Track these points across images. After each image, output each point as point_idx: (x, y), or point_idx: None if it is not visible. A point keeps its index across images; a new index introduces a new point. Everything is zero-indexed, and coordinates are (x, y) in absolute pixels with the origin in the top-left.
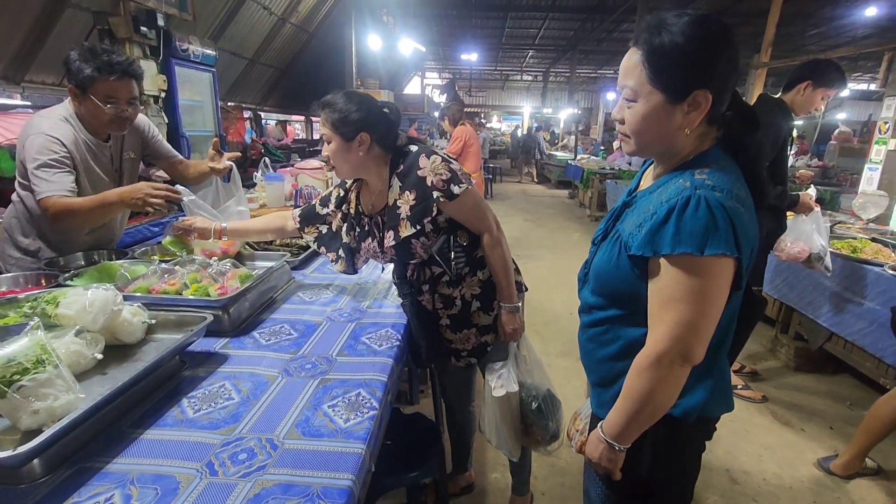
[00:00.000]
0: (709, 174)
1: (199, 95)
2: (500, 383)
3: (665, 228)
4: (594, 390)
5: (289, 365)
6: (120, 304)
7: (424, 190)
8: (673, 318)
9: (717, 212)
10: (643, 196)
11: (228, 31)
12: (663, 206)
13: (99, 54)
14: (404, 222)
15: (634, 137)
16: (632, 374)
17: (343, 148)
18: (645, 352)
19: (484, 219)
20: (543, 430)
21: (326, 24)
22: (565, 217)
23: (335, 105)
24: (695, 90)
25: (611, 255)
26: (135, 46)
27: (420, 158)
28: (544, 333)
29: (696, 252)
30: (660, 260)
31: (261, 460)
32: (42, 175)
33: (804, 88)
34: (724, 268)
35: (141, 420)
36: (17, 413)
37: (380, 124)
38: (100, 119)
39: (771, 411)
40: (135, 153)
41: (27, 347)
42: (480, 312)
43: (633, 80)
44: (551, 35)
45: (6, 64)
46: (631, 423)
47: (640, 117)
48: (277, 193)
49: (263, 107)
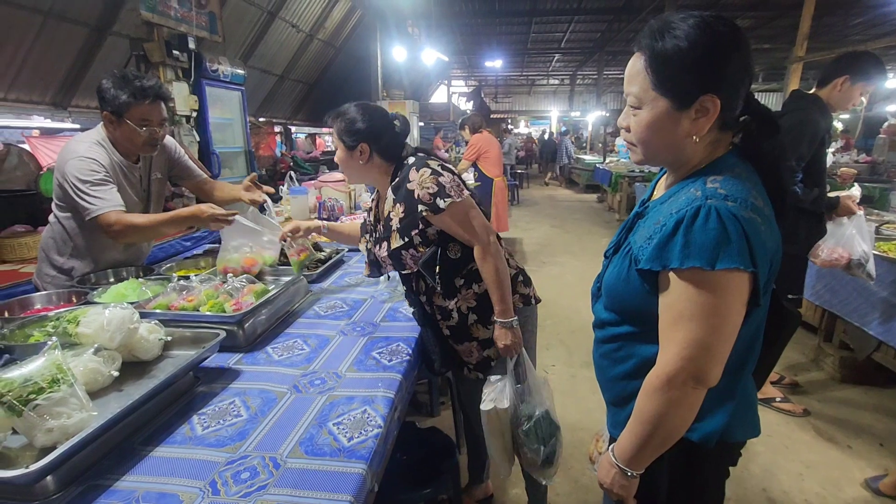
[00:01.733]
0: (722, 182)
1: (228, 113)
2: (491, 396)
3: (673, 241)
4: (609, 409)
5: (298, 381)
6: (137, 322)
7: (412, 203)
8: (684, 337)
9: (729, 223)
10: (654, 206)
11: (258, 50)
12: (672, 217)
13: (131, 80)
14: (395, 234)
15: (641, 146)
16: (642, 396)
17: (346, 156)
18: (655, 372)
19: (471, 232)
20: (535, 454)
21: (353, 37)
22: (593, 222)
23: (342, 116)
24: (702, 95)
25: (621, 269)
26: (168, 69)
27: (411, 172)
28: (569, 343)
29: (707, 266)
30: (669, 274)
31: (262, 479)
32: (93, 193)
33: (841, 83)
34: (738, 283)
35: (152, 437)
36: (32, 431)
37: (382, 136)
38: (134, 142)
39: (813, 426)
40: (161, 174)
41: (43, 367)
42: (478, 325)
43: (637, 87)
44: (577, 38)
45: (55, 91)
46: (643, 447)
47: (646, 125)
48: (302, 206)
49: (293, 121)
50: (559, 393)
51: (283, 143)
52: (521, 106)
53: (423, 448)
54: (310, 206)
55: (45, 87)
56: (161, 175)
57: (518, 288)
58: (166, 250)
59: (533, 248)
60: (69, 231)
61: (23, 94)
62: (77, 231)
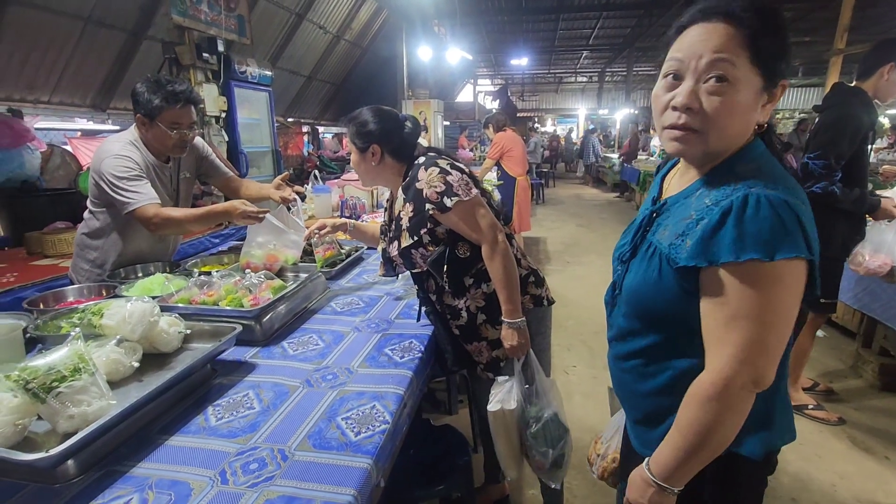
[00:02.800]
0: (759, 170)
1: (256, 114)
2: (498, 398)
3: (721, 234)
4: (635, 428)
5: (311, 375)
6: (157, 315)
7: (420, 202)
8: (741, 338)
9: (782, 210)
10: (676, 202)
11: (287, 52)
12: (712, 209)
13: (164, 85)
14: (404, 233)
15: (715, 132)
16: (691, 406)
17: (359, 158)
18: (708, 379)
19: (478, 231)
20: (542, 457)
21: (379, 38)
22: (619, 221)
23: (354, 120)
24: (784, 76)
25: (648, 271)
26: (198, 72)
27: (420, 171)
28: (592, 344)
29: (766, 258)
30: (718, 271)
31: (270, 471)
32: (129, 187)
33: (888, 72)
34: (797, 273)
35: (168, 426)
36: (55, 417)
37: (393, 138)
38: (165, 143)
39: (849, 435)
40: (190, 173)
41: (66, 357)
42: (487, 325)
43: (730, 56)
44: (606, 34)
45: (94, 94)
46: (687, 461)
47: (740, 105)
48: (325, 204)
49: (321, 121)
50: (580, 394)
51: (310, 143)
52: (549, 104)
53: (437, 446)
54: (333, 204)
55: (85, 90)
56: (189, 174)
57: (529, 289)
58: (196, 246)
59: (558, 247)
60: (103, 226)
61: (65, 97)
62: (111, 226)
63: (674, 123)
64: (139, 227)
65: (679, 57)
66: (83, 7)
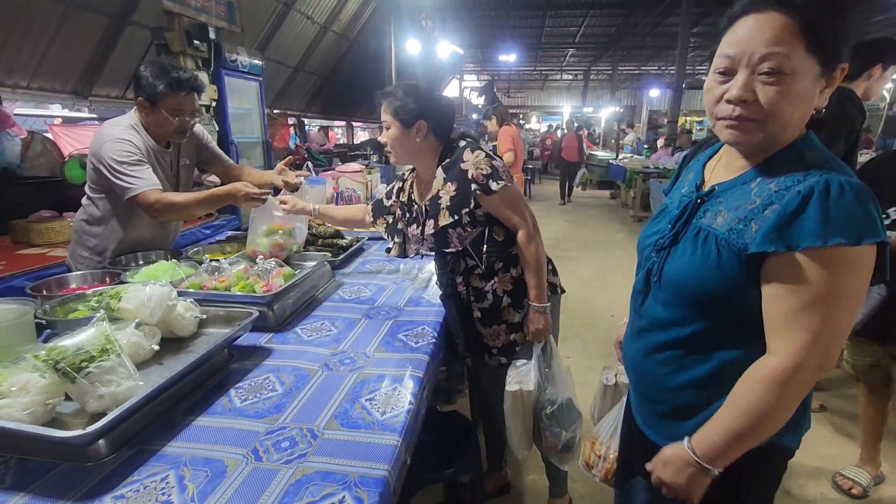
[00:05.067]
0: (824, 158)
1: (247, 104)
2: (516, 379)
3: (804, 218)
4: (659, 422)
5: (329, 359)
6: (175, 300)
7: (465, 182)
8: (816, 324)
9: (864, 196)
10: (730, 188)
11: (274, 41)
12: (786, 194)
13: (168, 71)
14: (444, 212)
15: (777, 122)
16: (753, 388)
17: (402, 134)
18: (779, 364)
19: (519, 216)
20: (555, 438)
21: (367, 30)
22: (607, 218)
23: (398, 94)
24: (844, 60)
25: (704, 256)
26: (188, 59)
27: (465, 152)
28: (585, 336)
29: (852, 242)
30: (796, 255)
31: (302, 448)
32: (131, 173)
33: (876, 72)
34: (873, 258)
35: (193, 408)
36: (85, 397)
37: (437, 114)
38: (165, 129)
39: (830, 421)
40: (190, 160)
41: (94, 337)
42: (511, 309)
43: (787, 48)
44: (592, 32)
45: (75, 80)
46: (738, 442)
47: (795, 94)
48: (319, 196)
49: (307, 113)
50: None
51: (296, 136)
52: (534, 101)
53: (445, 430)
54: (327, 196)
55: (66, 76)
56: (189, 161)
57: (548, 276)
58: (188, 237)
59: (547, 242)
60: (102, 212)
61: (45, 82)
62: (111, 212)
63: (728, 115)
64: (140, 214)
65: (731, 54)
66: None
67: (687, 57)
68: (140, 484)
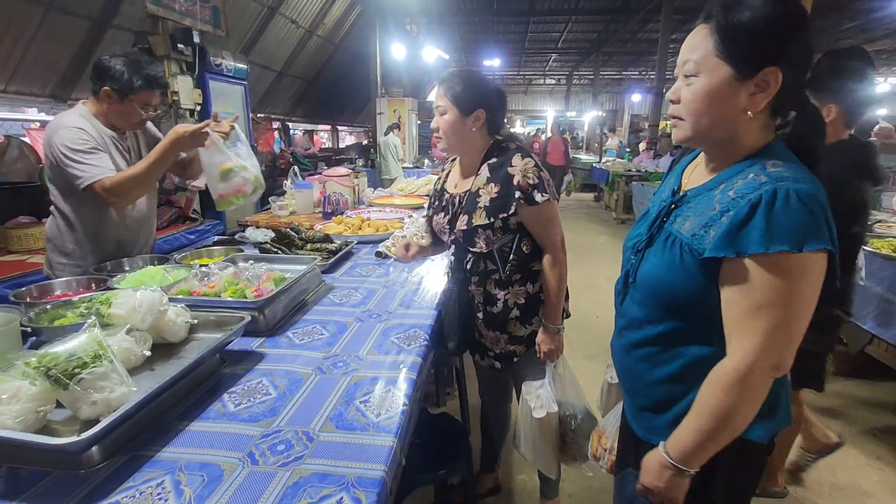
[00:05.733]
0: (784, 167)
1: (231, 108)
2: (539, 403)
3: (750, 226)
4: (641, 414)
5: (322, 363)
6: (166, 305)
7: (509, 187)
8: (766, 326)
9: (811, 204)
10: (699, 194)
11: (258, 46)
12: (740, 201)
13: (143, 67)
14: (480, 211)
15: (691, 119)
16: (713, 391)
17: (458, 121)
18: (731, 365)
19: (552, 235)
20: (581, 448)
21: (351, 34)
22: (591, 220)
23: (459, 79)
24: (765, 67)
25: (670, 259)
26: (172, 63)
27: (515, 157)
28: (569, 337)
29: (795, 249)
30: (745, 261)
31: (298, 451)
32: (85, 160)
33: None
34: (821, 265)
35: (186, 413)
36: (77, 403)
37: (493, 103)
38: (131, 120)
39: None
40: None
41: (86, 343)
42: (517, 322)
43: (698, 54)
44: (574, 38)
45: (54, 84)
46: (707, 443)
47: (702, 93)
48: (306, 200)
49: (291, 117)
50: None
51: (281, 140)
52: (518, 105)
53: (437, 432)
54: (314, 200)
55: (45, 79)
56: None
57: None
58: (172, 243)
59: None
60: (70, 218)
61: (23, 86)
62: (77, 214)
63: (669, 114)
64: (108, 214)
65: (678, 62)
66: None
67: (667, 62)
68: (136, 490)
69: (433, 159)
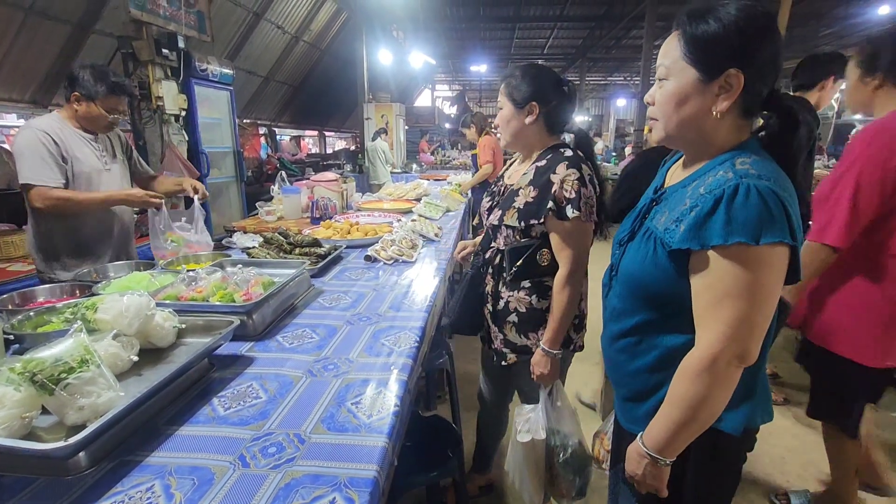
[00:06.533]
0: (752, 164)
1: (217, 113)
2: (526, 427)
3: (713, 219)
4: (624, 405)
5: (312, 366)
6: (153, 310)
7: (546, 194)
8: (728, 316)
9: (770, 199)
10: (675, 191)
11: (244, 51)
12: (707, 196)
13: (109, 75)
14: (513, 211)
15: (663, 119)
16: (681, 381)
17: (512, 114)
18: (697, 354)
19: (571, 255)
20: (570, 485)
21: (338, 40)
22: None
23: (515, 74)
24: (728, 69)
25: (645, 253)
26: (157, 68)
27: (560, 165)
28: None
29: (752, 241)
30: (708, 253)
31: (289, 453)
32: (33, 163)
33: (829, 84)
34: (780, 257)
35: (175, 418)
36: (64, 409)
37: (551, 98)
38: (97, 123)
39: (793, 413)
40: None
41: (72, 348)
42: (513, 328)
43: (669, 59)
44: (560, 44)
45: (34, 89)
46: (679, 433)
47: (670, 95)
48: (294, 205)
49: (278, 123)
50: None
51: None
52: None
53: (428, 434)
54: (302, 205)
55: (25, 85)
56: (124, 160)
57: (569, 330)
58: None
59: None
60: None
61: (1, 91)
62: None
63: (648, 113)
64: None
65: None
66: None
67: (651, 68)
68: (124, 495)
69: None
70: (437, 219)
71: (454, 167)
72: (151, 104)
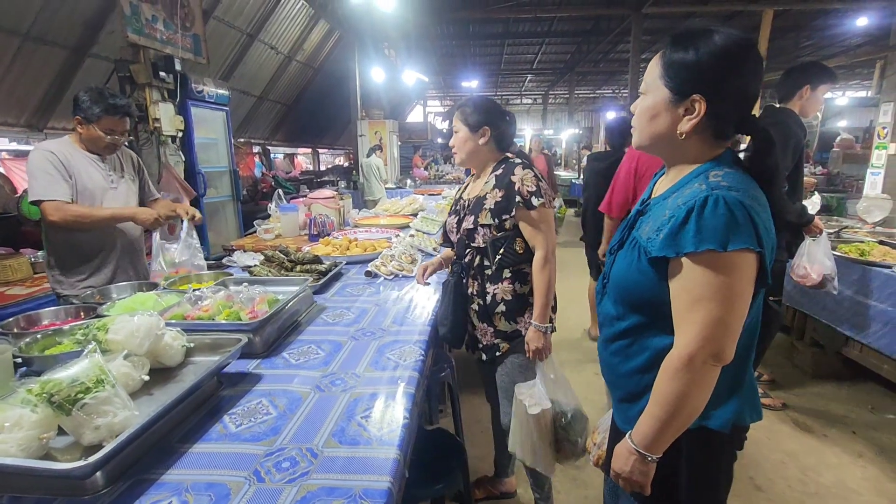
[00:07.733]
0: (724, 176)
1: (213, 133)
2: (533, 401)
3: (686, 228)
4: (619, 406)
5: (320, 381)
6: (163, 329)
7: (511, 192)
8: (702, 318)
9: (736, 209)
10: (657, 203)
11: (238, 71)
12: (681, 208)
13: (106, 98)
14: (485, 212)
15: (636, 128)
16: (662, 379)
17: (468, 136)
18: (675, 354)
19: (543, 237)
20: (573, 446)
21: (331, 59)
22: (573, 234)
23: (469, 104)
24: (693, 94)
25: (630, 261)
26: (154, 90)
27: (517, 168)
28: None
29: (720, 248)
30: (682, 259)
31: (303, 467)
32: (42, 180)
33: (805, 92)
34: (748, 263)
35: (187, 435)
36: (80, 429)
37: (499, 124)
38: (98, 144)
39: (792, 418)
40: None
41: (87, 368)
42: (502, 317)
43: (651, 76)
44: (548, 59)
45: (30, 113)
46: (663, 430)
47: (645, 108)
48: (292, 223)
49: (272, 141)
50: None
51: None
52: None
53: (431, 447)
54: (300, 222)
55: (20, 109)
56: (132, 180)
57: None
58: None
59: None
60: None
61: None
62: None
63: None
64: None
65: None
66: (21, 23)
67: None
68: None
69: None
70: (435, 233)
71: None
72: (149, 126)
